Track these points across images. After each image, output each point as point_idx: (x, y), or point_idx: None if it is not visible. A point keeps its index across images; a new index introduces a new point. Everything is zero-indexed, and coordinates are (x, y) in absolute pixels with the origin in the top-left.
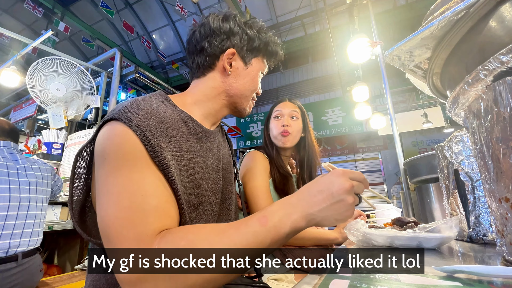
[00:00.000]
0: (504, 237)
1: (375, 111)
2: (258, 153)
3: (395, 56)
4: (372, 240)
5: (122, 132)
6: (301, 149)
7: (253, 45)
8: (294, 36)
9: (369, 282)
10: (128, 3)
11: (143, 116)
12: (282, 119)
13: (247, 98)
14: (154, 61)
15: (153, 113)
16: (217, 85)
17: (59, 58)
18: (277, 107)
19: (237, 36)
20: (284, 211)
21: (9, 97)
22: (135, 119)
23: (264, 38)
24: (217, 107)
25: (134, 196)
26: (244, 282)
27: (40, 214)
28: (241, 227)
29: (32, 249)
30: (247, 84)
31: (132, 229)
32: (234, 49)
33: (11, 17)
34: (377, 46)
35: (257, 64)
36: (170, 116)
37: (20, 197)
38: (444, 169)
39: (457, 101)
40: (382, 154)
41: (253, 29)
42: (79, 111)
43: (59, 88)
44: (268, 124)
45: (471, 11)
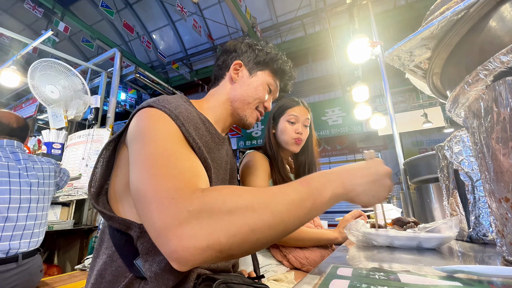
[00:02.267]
0: (504, 237)
1: (375, 111)
2: (258, 153)
3: (395, 56)
4: (372, 240)
5: (157, 112)
6: (302, 153)
7: (259, 59)
8: (294, 36)
9: (369, 282)
10: (128, 3)
11: (175, 106)
12: (297, 125)
13: (249, 105)
14: (154, 61)
15: (182, 107)
16: (225, 92)
17: (53, 61)
18: (293, 111)
19: (246, 53)
20: (325, 178)
21: (9, 97)
22: (169, 107)
23: (272, 55)
24: (225, 113)
25: (168, 158)
26: (246, 282)
27: (41, 215)
28: (283, 187)
29: (33, 249)
30: (249, 90)
31: (170, 181)
32: (241, 61)
33: (11, 17)
34: (377, 46)
35: (263, 76)
36: (193, 114)
37: (21, 199)
38: (444, 169)
39: (457, 101)
40: (382, 154)
41: (263, 49)
42: (79, 111)
43: (53, 91)
44: (276, 123)
45: (471, 11)
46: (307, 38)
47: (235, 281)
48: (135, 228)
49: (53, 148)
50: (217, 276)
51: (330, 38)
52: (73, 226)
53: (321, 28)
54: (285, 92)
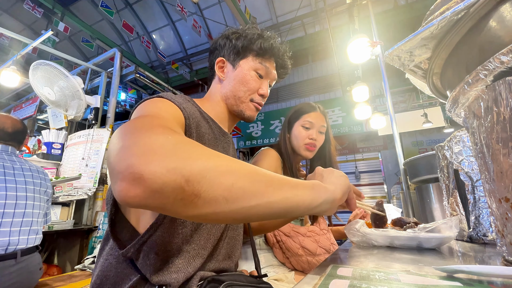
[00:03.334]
0: (504, 237)
1: (375, 111)
2: (272, 151)
3: (395, 56)
4: (372, 240)
5: (163, 100)
6: (318, 159)
7: (238, 48)
8: (294, 36)
9: (369, 282)
10: (128, 3)
11: (182, 101)
12: (311, 131)
13: (240, 99)
14: (154, 61)
15: (186, 104)
16: (217, 91)
17: (48, 64)
18: (309, 117)
19: (225, 47)
20: None
21: (9, 97)
22: (177, 100)
23: (249, 37)
24: (224, 111)
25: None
26: (250, 282)
27: (38, 213)
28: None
29: (31, 247)
30: (237, 85)
31: (155, 121)
32: (223, 57)
33: (11, 17)
34: (377, 46)
35: (246, 64)
36: (195, 112)
37: (17, 196)
38: (444, 169)
39: (457, 101)
40: (382, 154)
41: (241, 35)
42: (79, 111)
43: (49, 93)
44: (291, 127)
45: (471, 11)
46: (307, 38)
47: (240, 282)
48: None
49: (53, 148)
50: (222, 277)
51: (330, 38)
52: (73, 226)
53: (321, 28)
54: (284, 68)
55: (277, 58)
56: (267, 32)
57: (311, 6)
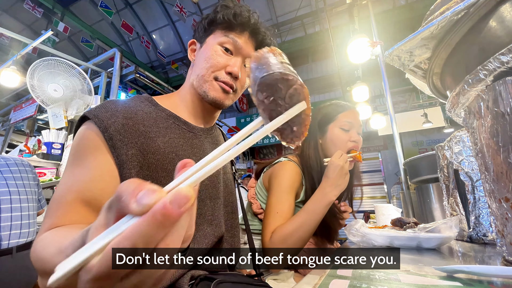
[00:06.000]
0: (504, 237)
1: (375, 111)
2: (292, 165)
3: (395, 56)
4: (372, 240)
5: (85, 130)
6: None
7: (205, 25)
8: (294, 36)
9: (369, 282)
10: (128, 3)
11: (111, 114)
12: (351, 132)
13: (203, 78)
14: (154, 61)
15: (122, 111)
16: (188, 79)
17: (57, 60)
18: (348, 117)
19: (198, 27)
20: None
21: (9, 97)
22: (102, 116)
23: (214, 11)
24: (194, 99)
25: (61, 188)
26: (244, 281)
27: (27, 207)
28: None
29: (27, 242)
30: (201, 62)
31: (47, 218)
32: (195, 39)
33: (11, 17)
34: (377, 46)
35: (212, 40)
36: (143, 113)
37: (0, 191)
38: (444, 169)
39: (457, 101)
40: (382, 154)
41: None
42: (79, 111)
43: (57, 89)
44: (324, 131)
45: (471, 11)
46: (307, 38)
47: (233, 280)
48: None
49: (53, 148)
50: (214, 276)
51: (330, 38)
52: None
53: (321, 28)
54: (263, 41)
55: (248, 28)
56: (237, 2)
57: (311, 6)
